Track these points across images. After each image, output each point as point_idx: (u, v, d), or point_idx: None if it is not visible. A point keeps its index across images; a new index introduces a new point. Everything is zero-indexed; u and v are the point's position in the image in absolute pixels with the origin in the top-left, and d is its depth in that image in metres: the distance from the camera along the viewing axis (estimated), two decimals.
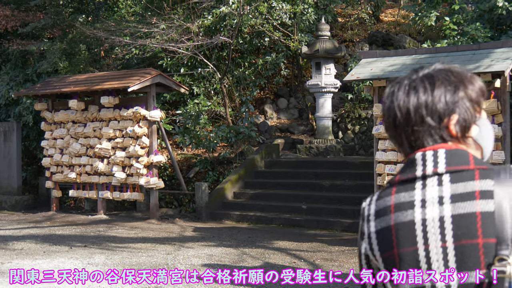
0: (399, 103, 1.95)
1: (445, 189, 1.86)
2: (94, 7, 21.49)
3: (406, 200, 1.89)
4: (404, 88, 1.97)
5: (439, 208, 1.85)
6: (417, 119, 1.92)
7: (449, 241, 1.82)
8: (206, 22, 18.17)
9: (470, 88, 1.95)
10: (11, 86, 19.79)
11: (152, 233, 13.36)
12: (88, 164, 16.46)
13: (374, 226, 1.94)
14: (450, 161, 1.88)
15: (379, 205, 1.95)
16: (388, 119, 1.99)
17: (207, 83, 19.14)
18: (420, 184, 1.89)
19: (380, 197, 1.97)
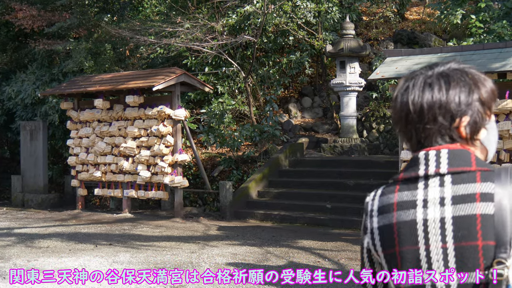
0: (413, 99, 1.96)
1: (446, 190, 1.88)
2: (119, 6, 21.59)
3: (409, 199, 1.92)
4: (420, 85, 1.97)
5: (440, 209, 1.88)
6: (430, 117, 1.93)
7: (450, 242, 1.85)
8: (230, 21, 18.18)
9: (484, 91, 1.95)
10: (38, 85, 19.95)
11: (177, 232, 13.40)
12: (113, 162, 16.55)
13: (377, 222, 1.97)
14: (453, 162, 1.90)
15: (382, 202, 1.98)
16: (400, 114, 2.00)
17: (232, 82, 19.15)
18: (422, 184, 1.93)
19: (383, 193, 2.00)
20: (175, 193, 15.80)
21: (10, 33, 22.38)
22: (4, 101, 21.20)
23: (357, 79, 17.72)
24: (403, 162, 11.88)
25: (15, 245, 11.80)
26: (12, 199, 19.57)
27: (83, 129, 17.18)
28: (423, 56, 12.16)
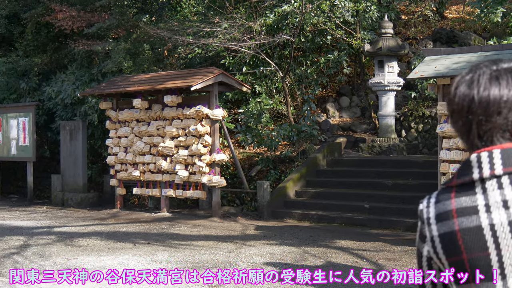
0: (479, 90, 1.90)
1: (507, 192, 1.82)
2: (157, 7, 21.72)
3: (469, 205, 1.86)
4: (486, 77, 1.91)
5: (505, 212, 1.82)
6: (494, 110, 1.87)
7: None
8: (268, 21, 18.17)
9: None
10: (77, 85, 20.15)
11: (214, 231, 13.43)
12: (151, 162, 16.65)
13: (436, 230, 1.91)
14: (507, 162, 1.84)
15: (439, 209, 1.92)
16: (462, 105, 1.93)
17: (269, 82, 19.15)
18: (480, 188, 1.86)
19: (438, 200, 1.94)
20: (213, 193, 15.84)
21: (50, 34, 22.65)
22: (45, 101, 21.46)
23: (396, 78, 17.59)
24: (442, 162, 11.77)
25: (55, 243, 11.93)
26: (52, 198, 19.79)
27: (122, 129, 17.31)
28: (462, 55, 12.03)
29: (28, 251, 11.15)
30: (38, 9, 21.78)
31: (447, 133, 11.53)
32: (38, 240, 12.24)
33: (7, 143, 21.11)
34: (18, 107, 21.00)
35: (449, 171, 11.58)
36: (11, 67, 22.68)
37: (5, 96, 23.01)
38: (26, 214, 17.05)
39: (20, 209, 18.34)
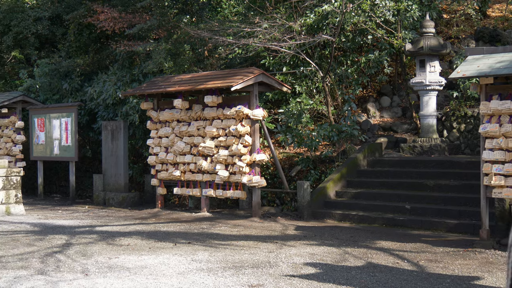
0: None
1: None
2: (198, 7, 21.80)
3: None
4: None
5: None
6: None
7: None
8: (308, 20, 18.12)
9: None
10: (119, 86, 20.33)
11: (255, 231, 13.43)
12: (192, 162, 16.72)
13: None
14: None
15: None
16: None
17: (309, 82, 19.09)
18: None
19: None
20: (253, 193, 15.85)
21: (92, 35, 22.88)
22: (87, 101, 21.69)
23: (437, 78, 17.42)
24: (484, 162, 11.61)
25: (96, 242, 12.04)
26: (94, 197, 19.98)
27: (162, 129, 17.41)
28: (506, 54, 11.85)
29: (70, 250, 11.27)
30: (80, 10, 22.02)
31: (490, 133, 11.37)
32: (80, 239, 12.37)
33: (50, 143, 21.37)
34: (60, 108, 21.24)
35: (492, 171, 11.41)
36: (53, 68, 22.95)
37: (48, 97, 23.31)
38: (68, 214, 17.24)
39: (62, 208, 18.55)
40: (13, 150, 22.05)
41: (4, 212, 16.84)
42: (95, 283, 8.63)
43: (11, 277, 9.10)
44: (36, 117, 21.93)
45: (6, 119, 22.38)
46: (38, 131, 21.84)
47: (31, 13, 24.14)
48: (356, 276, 9.01)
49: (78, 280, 8.82)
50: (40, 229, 13.99)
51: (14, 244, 11.90)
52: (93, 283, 8.63)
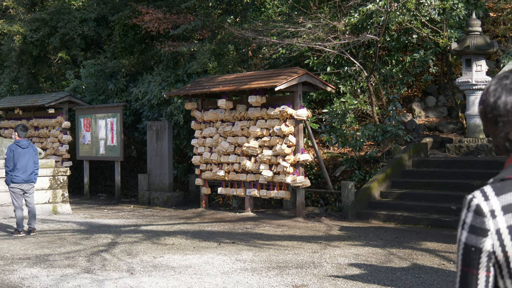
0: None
1: None
2: (242, 8, 21.84)
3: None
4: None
5: None
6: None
7: None
8: (352, 20, 18.03)
9: None
10: (163, 86, 20.47)
11: (299, 231, 13.41)
12: (236, 162, 16.75)
13: (505, 221, 1.96)
14: None
15: (505, 201, 1.98)
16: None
17: (354, 82, 19.00)
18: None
19: (501, 192, 2.00)
20: (297, 193, 15.82)
21: (137, 36, 23.07)
22: (132, 102, 21.88)
23: (484, 77, 17.19)
24: None
25: (142, 241, 12.14)
26: (139, 197, 20.15)
27: (207, 129, 17.49)
28: None
29: (116, 248, 11.37)
30: (126, 11, 22.22)
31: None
32: (125, 238, 12.48)
33: (96, 143, 21.61)
34: (106, 108, 21.46)
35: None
36: (99, 69, 23.20)
37: (94, 97, 23.58)
38: (114, 213, 17.41)
39: (108, 208, 18.75)
40: (59, 150, 22.35)
41: (51, 211, 17.07)
42: (140, 282, 8.70)
43: (58, 275, 9.23)
44: (82, 117, 22.19)
45: (53, 119, 22.69)
46: (84, 131, 22.10)
47: (77, 15, 24.43)
48: (401, 277, 8.94)
49: (123, 279, 8.90)
50: (86, 228, 14.16)
51: (61, 243, 12.06)
52: (138, 282, 8.70)
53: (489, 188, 2.04)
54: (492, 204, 2.00)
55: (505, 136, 2.10)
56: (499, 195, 2.00)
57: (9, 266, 9.93)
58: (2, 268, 9.82)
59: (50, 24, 24.46)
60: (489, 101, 2.11)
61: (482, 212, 2.00)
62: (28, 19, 25.52)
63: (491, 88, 2.13)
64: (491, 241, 1.98)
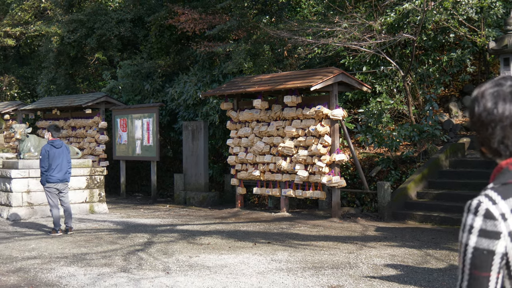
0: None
1: None
2: (277, 8, 21.84)
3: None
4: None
5: None
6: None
7: None
8: (388, 19, 17.93)
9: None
10: (199, 86, 20.54)
11: (334, 232, 13.37)
12: (271, 162, 16.75)
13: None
14: None
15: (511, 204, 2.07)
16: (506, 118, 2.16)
17: (390, 81, 18.88)
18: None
19: (507, 196, 2.09)
20: (332, 193, 15.77)
21: (173, 37, 23.18)
22: (168, 102, 21.99)
23: None
24: None
25: (177, 241, 12.18)
26: (175, 196, 20.23)
27: (242, 129, 17.50)
28: None
29: (152, 248, 11.44)
30: (162, 12, 22.34)
31: None
32: (161, 238, 12.54)
33: (132, 143, 21.75)
34: (142, 108, 21.59)
35: None
36: (135, 69, 23.35)
37: (130, 98, 23.73)
38: (150, 212, 17.51)
39: (144, 207, 18.86)
40: (96, 150, 22.54)
41: (88, 211, 17.23)
42: (176, 281, 8.73)
43: (95, 274, 9.30)
44: (118, 117, 22.35)
45: (90, 120, 22.89)
46: (120, 131, 22.26)
47: (114, 16, 24.62)
48: (437, 278, 8.86)
49: (159, 278, 8.95)
50: (122, 228, 14.26)
51: (98, 242, 12.16)
52: (174, 281, 8.73)
53: (493, 192, 2.11)
54: (501, 208, 2.07)
55: (500, 140, 2.17)
56: (505, 199, 2.08)
57: (47, 265, 10.04)
58: (40, 266, 9.93)
59: (87, 25, 24.68)
60: (486, 106, 2.19)
61: (492, 215, 2.06)
62: (65, 21, 25.77)
63: (487, 92, 2.22)
64: (504, 243, 2.05)
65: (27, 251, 11.28)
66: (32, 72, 32.80)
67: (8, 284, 8.74)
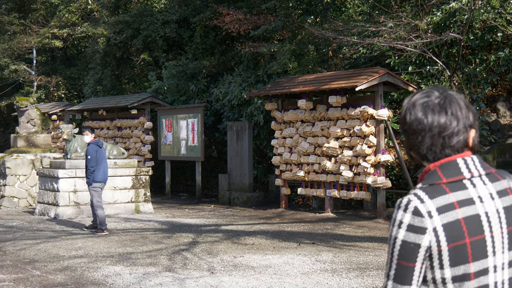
0: (453, 114, 2.39)
1: (489, 188, 2.37)
2: (322, 8, 21.76)
3: (466, 197, 2.33)
4: (451, 105, 2.40)
5: (492, 202, 2.35)
6: (460, 129, 2.39)
7: (504, 228, 2.35)
8: (435, 18, 17.73)
9: (475, 112, 2.46)
10: (243, 87, 20.56)
11: (379, 233, 13.28)
12: (316, 162, 16.70)
13: (440, 220, 2.29)
14: (483, 165, 2.41)
15: (438, 203, 2.31)
16: (434, 127, 2.39)
17: (436, 81, 18.68)
18: (469, 184, 2.36)
19: (434, 195, 2.33)
20: (377, 194, 15.67)
21: (218, 37, 23.26)
22: (212, 102, 22.07)
23: None
24: None
25: (222, 241, 12.22)
26: (219, 197, 20.29)
27: (286, 129, 17.48)
28: None
29: (196, 248, 11.48)
30: (206, 13, 22.44)
31: None
32: (206, 238, 12.59)
33: (177, 143, 21.87)
34: (187, 109, 21.70)
35: None
36: (180, 70, 23.48)
37: (175, 98, 23.87)
38: (194, 212, 17.59)
39: (189, 207, 18.95)
40: (142, 150, 22.72)
41: (134, 210, 17.37)
42: (221, 281, 8.75)
43: (140, 273, 9.38)
44: (164, 117, 22.50)
45: (136, 120, 23.09)
46: (166, 131, 22.40)
47: (159, 17, 24.79)
48: None
49: (204, 278, 8.98)
50: (167, 227, 14.34)
51: (143, 241, 12.26)
52: (219, 281, 8.75)
53: (421, 192, 2.35)
54: (428, 206, 2.30)
55: (428, 147, 2.41)
56: (432, 198, 2.31)
57: (93, 264, 10.15)
58: (87, 265, 10.04)
59: (133, 27, 24.90)
60: (417, 116, 2.43)
61: (420, 213, 2.30)
62: (111, 22, 26.04)
63: (418, 103, 2.45)
64: (429, 237, 2.29)
65: (74, 250, 11.42)
66: (79, 73, 33.19)
67: (55, 283, 8.85)
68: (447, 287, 2.33)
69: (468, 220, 2.30)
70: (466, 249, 2.29)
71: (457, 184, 2.35)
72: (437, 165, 2.41)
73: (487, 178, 2.39)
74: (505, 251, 2.35)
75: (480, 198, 2.34)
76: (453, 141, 2.38)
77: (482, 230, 2.31)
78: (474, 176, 2.36)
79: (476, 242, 2.30)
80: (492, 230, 2.33)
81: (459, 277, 2.31)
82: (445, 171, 2.37)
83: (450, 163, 2.38)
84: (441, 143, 2.39)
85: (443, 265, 2.30)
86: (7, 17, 34.87)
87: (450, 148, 2.39)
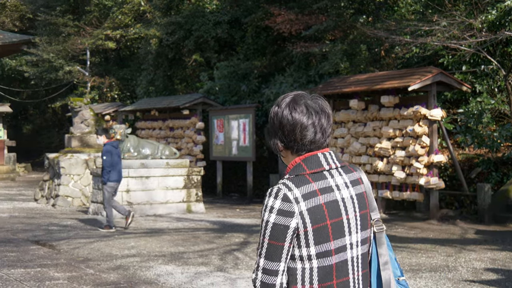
0: (318, 122, 2.73)
1: (344, 178, 2.74)
2: (374, 7, 21.61)
3: (326, 185, 2.68)
4: (316, 109, 2.74)
5: (347, 190, 2.72)
6: (326, 131, 2.75)
7: (357, 212, 2.72)
8: (489, 17, 17.47)
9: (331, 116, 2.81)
10: (295, 87, 20.53)
11: (432, 234, 13.13)
12: (368, 163, 16.59)
13: (305, 205, 2.61)
14: (337, 159, 2.77)
15: (303, 190, 2.64)
16: (296, 127, 2.70)
17: (491, 81, 18.40)
18: (328, 175, 2.71)
19: (299, 184, 2.65)
20: (430, 195, 15.49)
21: (269, 37, 23.28)
22: (264, 103, 22.08)
23: None
24: None
25: None
26: None
27: (338, 130, 17.41)
28: None
29: (247, 248, 11.51)
30: (258, 13, 22.47)
31: None
32: (257, 238, 12.59)
33: (229, 143, 21.94)
34: (239, 109, 21.76)
35: None
36: (232, 71, 23.56)
37: (227, 98, 23.95)
38: (245, 212, 17.63)
39: (240, 207, 19.00)
40: (193, 150, 22.86)
41: (185, 210, 17.48)
42: None
43: (192, 272, 9.43)
44: (215, 118, 22.60)
45: (187, 120, 23.23)
46: (217, 131, 22.50)
47: (211, 18, 24.92)
48: None
49: None
50: (219, 227, 14.40)
51: (195, 241, 12.33)
52: None
53: (289, 182, 2.66)
54: (295, 193, 2.61)
55: (294, 139, 2.71)
56: (298, 187, 2.63)
57: (146, 263, 10.24)
58: (139, 264, 10.14)
59: (185, 27, 25.07)
60: (284, 114, 2.73)
61: (289, 199, 2.60)
62: (164, 23, 26.25)
63: (284, 102, 2.75)
64: (296, 220, 2.59)
65: (126, 249, 11.54)
66: (132, 74, 33.53)
67: (108, 281, 8.95)
68: (313, 263, 2.65)
69: (328, 205, 2.64)
70: (327, 230, 2.63)
71: (318, 175, 2.69)
72: (301, 159, 2.73)
73: (342, 170, 2.76)
74: (358, 231, 2.72)
75: (337, 186, 2.70)
76: (314, 138, 2.72)
77: (340, 214, 2.67)
78: (332, 168, 2.72)
79: (336, 223, 2.65)
80: (348, 213, 2.69)
81: (322, 254, 2.64)
82: (308, 164, 2.71)
83: (312, 157, 2.72)
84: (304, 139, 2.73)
85: (309, 244, 2.62)
86: (62, 19, 35.39)
87: (313, 144, 2.73)
